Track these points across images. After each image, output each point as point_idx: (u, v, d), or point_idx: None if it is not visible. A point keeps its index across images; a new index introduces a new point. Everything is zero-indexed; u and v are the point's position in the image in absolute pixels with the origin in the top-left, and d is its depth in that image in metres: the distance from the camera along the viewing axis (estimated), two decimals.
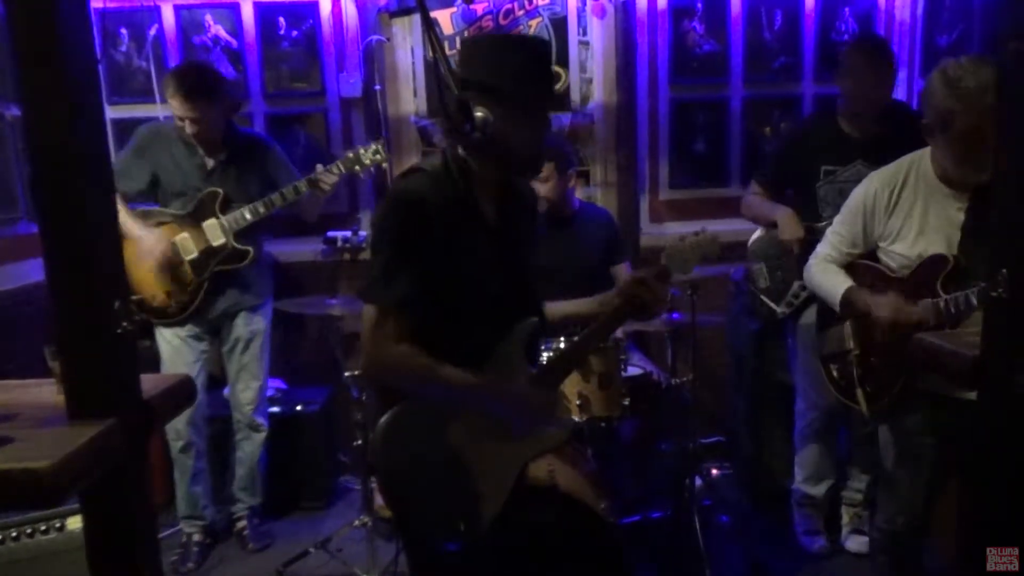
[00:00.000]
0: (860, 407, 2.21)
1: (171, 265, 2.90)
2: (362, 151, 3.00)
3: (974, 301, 1.88)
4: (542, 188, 3.04)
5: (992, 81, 1.85)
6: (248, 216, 2.94)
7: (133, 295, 2.85)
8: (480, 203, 1.74)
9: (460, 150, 1.70)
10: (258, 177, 3.03)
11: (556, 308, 1.97)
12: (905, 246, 2.11)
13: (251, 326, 3.12)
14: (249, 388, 3.16)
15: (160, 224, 2.95)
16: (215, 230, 2.94)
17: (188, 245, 2.93)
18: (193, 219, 2.94)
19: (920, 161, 2.12)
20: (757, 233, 3.04)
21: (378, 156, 2.99)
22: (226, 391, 3.28)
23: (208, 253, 2.94)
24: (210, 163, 2.97)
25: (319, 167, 2.97)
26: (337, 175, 2.97)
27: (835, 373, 2.30)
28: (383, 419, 1.68)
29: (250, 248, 2.99)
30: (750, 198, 3.00)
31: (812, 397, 2.90)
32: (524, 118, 1.66)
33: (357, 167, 2.99)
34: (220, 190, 2.95)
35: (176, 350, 3.00)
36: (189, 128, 2.87)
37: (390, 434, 1.68)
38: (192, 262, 2.94)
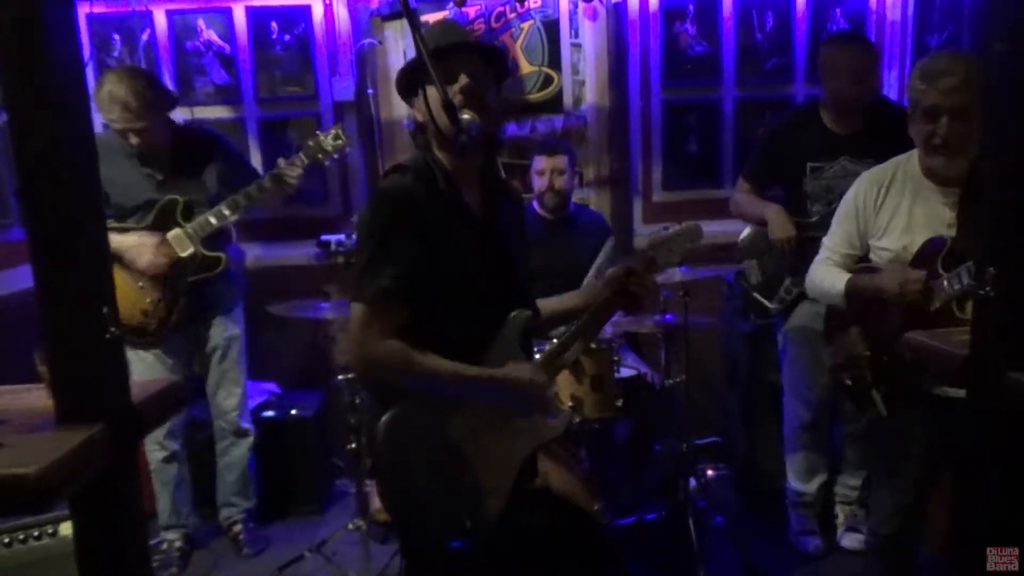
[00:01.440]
0: (879, 409, 2.19)
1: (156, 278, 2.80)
2: (322, 137, 2.89)
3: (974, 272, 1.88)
4: (558, 180, 3.08)
5: (959, 69, 1.91)
6: (214, 221, 2.83)
7: None
8: (464, 196, 1.75)
9: (434, 148, 1.72)
10: (213, 175, 2.93)
11: (545, 304, 1.97)
12: (891, 240, 2.13)
13: (227, 332, 3.06)
14: (232, 395, 3.11)
15: None
16: (181, 240, 2.82)
17: (155, 259, 2.78)
18: (154, 231, 2.81)
19: (908, 160, 2.14)
20: (746, 230, 3.05)
21: (339, 141, 2.90)
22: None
23: (178, 265, 2.82)
24: (159, 173, 2.84)
25: (280, 161, 2.87)
26: (301, 167, 2.86)
27: (848, 382, 2.28)
28: (384, 418, 1.67)
29: (221, 254, 2.90)
30: (738, 196, 3.01)
31: (802, 391, 2.90)
32: (461, 69, 1.66)
33: (320, 155, 2.88)
34: (179, 197, 2.83)
35: (149, 367, 2.88)
36: (134, 140, 2.73)
37: (392, 433, 1.68)
38: (163, 276, 2.82)
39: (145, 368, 2.89)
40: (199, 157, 2.93)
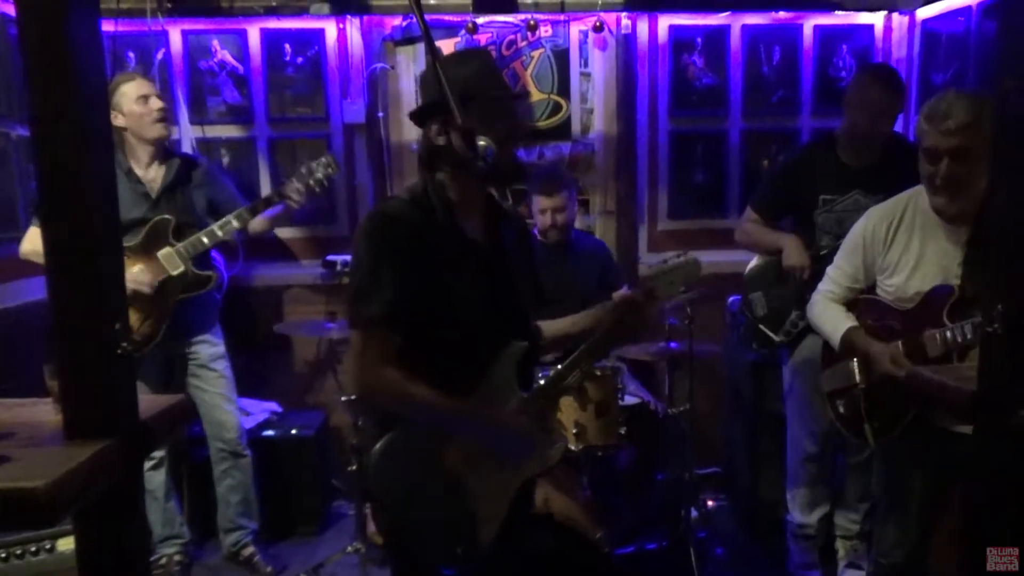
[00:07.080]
0: (868, 441, 2.20)
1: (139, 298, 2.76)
2: (314, 164, 3.02)
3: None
4: (559, 217, 3.06)
5: (961, 111, 1.92)
6: (206, 241, 2.86)
7: None
8: (464, 226, 1.72)
9: (440, 175, 1.69)
10: (202, 199, 2.98)
11: (550, 325, 1.97)
12: (900, 280, 2.12)
13: (213, 349, 3.04)
14: (228, 412, 3.05)
15: None
16: (172, 259, 2.83)
17: (144, 277, 2.79)
18: (145, 249, 2.82)
19: (918, 196, 2.13)
20: (754, 261, 3.04)
21: (330, 169, 3.03)
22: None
23: (167, 283, 2.82)
24: (154, 190, 2.88)
25: (281, 185, 3.02)
26: (298, 190, 2.99)
27: (841, 409, 2.28)
28: (378, 445, 1.67)
29: (212, 273, 2.91)
30: (747, 225, 3.00)
31: (807, 424, 2.87)
32: (496, 124, 1.66)
33: (311, 181, 3.00)
34: (171, 217, 2.85)
35: None
36: (156, 117, 2.82)
37: (386, 460, 1.67)
38: (152, 294, 2.80)
39: None
40: (192, 179, 2.97)
